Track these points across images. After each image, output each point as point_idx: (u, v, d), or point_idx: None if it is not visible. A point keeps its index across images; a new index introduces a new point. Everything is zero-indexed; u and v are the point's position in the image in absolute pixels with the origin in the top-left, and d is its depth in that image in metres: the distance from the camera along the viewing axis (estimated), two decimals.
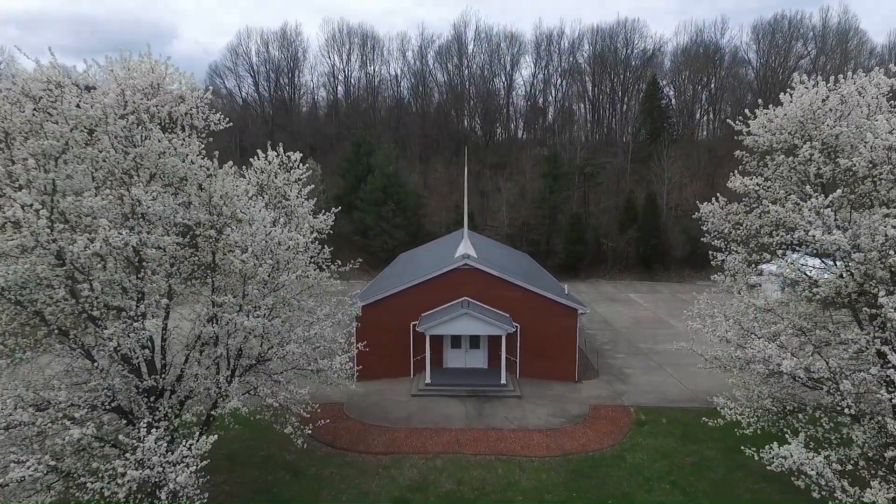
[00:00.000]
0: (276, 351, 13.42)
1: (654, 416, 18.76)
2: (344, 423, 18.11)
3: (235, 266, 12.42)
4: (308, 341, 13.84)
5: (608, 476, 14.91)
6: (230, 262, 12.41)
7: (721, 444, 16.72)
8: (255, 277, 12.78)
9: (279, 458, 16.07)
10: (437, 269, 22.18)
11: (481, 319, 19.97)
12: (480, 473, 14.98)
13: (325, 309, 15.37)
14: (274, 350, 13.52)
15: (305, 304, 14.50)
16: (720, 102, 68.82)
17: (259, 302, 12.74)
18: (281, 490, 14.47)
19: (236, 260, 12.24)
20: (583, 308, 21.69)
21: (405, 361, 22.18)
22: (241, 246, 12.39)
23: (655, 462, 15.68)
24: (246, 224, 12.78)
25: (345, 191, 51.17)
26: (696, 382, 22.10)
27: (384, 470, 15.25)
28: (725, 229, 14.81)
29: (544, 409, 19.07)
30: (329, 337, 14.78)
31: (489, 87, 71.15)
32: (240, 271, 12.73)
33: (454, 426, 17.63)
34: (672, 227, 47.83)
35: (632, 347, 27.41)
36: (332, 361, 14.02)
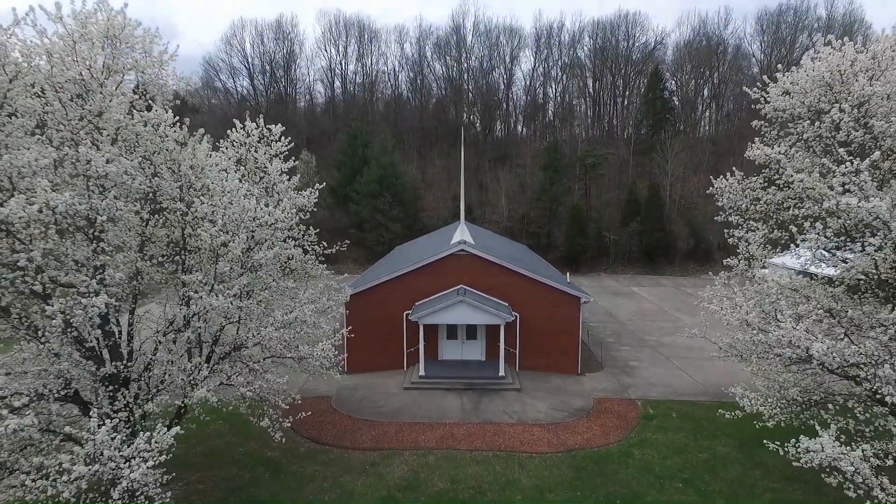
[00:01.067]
0: (252, 336, 12.23)
1: (663, 410, 17.57)
2: (330, 417, 16.91)
3: (204, 241, 11.23)
4: (288, 326, 12.64)
5: (615, 474, 13.72)
6: (199, 237, 11.21)
7: (735, 440, 15.55)
8: (226, 255, 11.60)
9: (259, 455, 14.88)
10: (432, 256, 20.97)
11: (478, 308, 18.77)
12: (476, 471, 13.79)
13: (308, 293, 14.20)
14: (250, 335, 12.32)
15: (286, 285, 13.30)
16: (722, 97, 67.65)
17: (233, 282, 11.55)
18: (259, 489, 13.28)
19: (205, 234, 11.06)
20: (585, 296, 20.50)
21: (398, 353, 20.97)
22: (211, 219, 11.23)
23: (666, 459, 14.49)
24: (217, 196, 11.63)
25: (340, 183, 49.93)
26: (706, 375, 20.94)
27: (371, 467, 14.06)
28: (743, 205, 13.62)
29: (545, 403, 17.87)
30: (312, 322, 13.60)
31: (488, 80, 69.95)
32: (210, 247, 11.56)
33: (449, 420, 16.43)
34: (676, 219, 46.63)
35: (637, 340, 26.22)
36: (313, 348, 12.81)
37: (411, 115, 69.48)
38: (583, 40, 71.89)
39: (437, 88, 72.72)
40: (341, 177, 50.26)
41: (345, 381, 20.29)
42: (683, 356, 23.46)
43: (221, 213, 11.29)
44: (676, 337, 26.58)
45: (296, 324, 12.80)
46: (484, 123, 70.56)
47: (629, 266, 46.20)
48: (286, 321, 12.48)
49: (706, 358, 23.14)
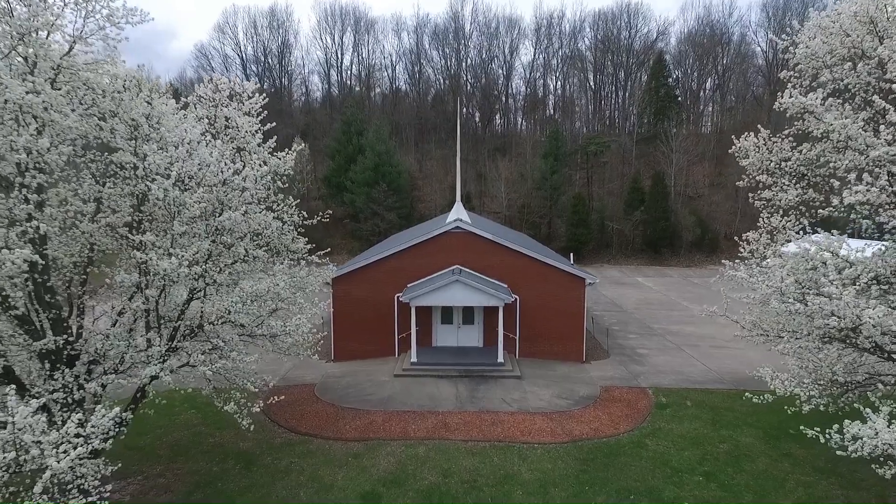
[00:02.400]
0: (216, 309, 10.74)
1: (677, 399, 16.09)
2: (312, 406, 15.42)
3: (157, 197, 9.73)
4: (258, 299, 11.15)
5: (628, 466, 12.23)
6: (153, 193, 9.70)
7: (758, 430, 14.08)
8: (181, 214, 10.11)
9: (231, 447, 13.40)
10: (425, 234, 19.49)
11: (475, 288, 17.27)
12: (471, 463, 12.31)
13: (284, 263, 12.69)
14: (214, 308, 10.83)
15: (256, 254, 11.79)
16: (726, 86, 66.12)
17: (194, 246, 10.05)
18: (227, 483, 11.79)
19: (157, 189, 9.56)
20: (591, 277, 19.02)
21: (389, 340, 19.48)
22: (165, 173, 9.75)
23: (683, 450, 13.01)
24: (172, 147, 10.15)
25: (334, 172, 48.46)
26: (720, 363, 19.48)
27: (354, 459, 12.57)
28: (771, 164, 12.13)
29: (548, 391, 16.38)
30: (287, 297, 12.12)
31: (487, 70, 68.44)
32: (164, 204, 10.07)
33: (442, 409, 14.94)
34: (681, 210, 45.12)
35: (644, 328, 24.74)
36: (286, 324, 11.31)
37: (409, 107, 67.95)
38: (584, 31, 70.47)
39: (435, 79, 71.26)
40: (335, 166, 48.77)
41: (331, 368, 18.85)
42: (694, 344, 21.99)
43: (179, 166, 9.84)
44: (685, 325, 25.15)
45: (267, 296, 11.31)
46: (483, 116, 69.02)
47: (633, 257, 44.70)
48: (256, 292, 10.99)
49: (718, 346, 21.72)
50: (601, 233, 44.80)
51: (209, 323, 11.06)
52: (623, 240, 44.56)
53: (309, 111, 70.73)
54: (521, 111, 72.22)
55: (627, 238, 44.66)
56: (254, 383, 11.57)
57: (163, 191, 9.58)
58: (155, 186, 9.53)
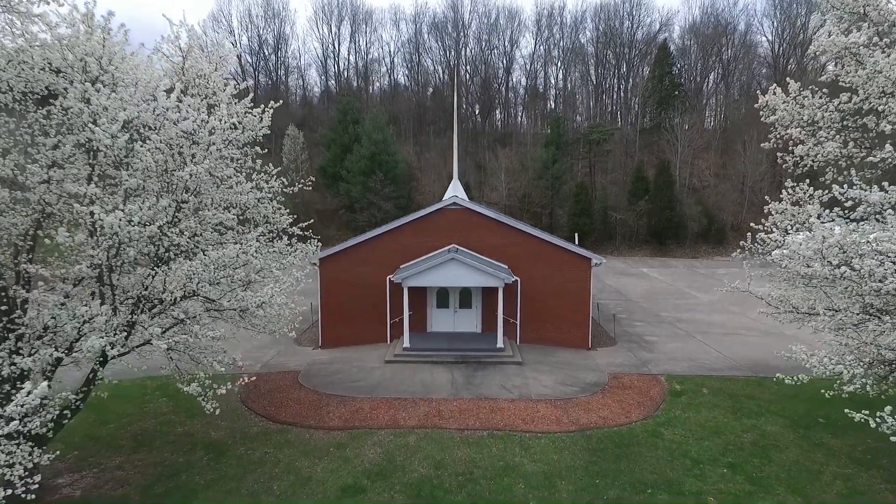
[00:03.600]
0: (175, 275, 9.41)
1: (692, 386, 14.78)
2: (294, 393, 14.10)
3: (103, 143, 8.41)
4: (224, 268, 9.82)
5: (642, 457, 10.92)
6: (96, 137, 8.38)
7: (784, 419, 12.78)
8: (133, 166, 8.80)
9: (201, 436, 12.09)
10: (419, 211, 18.18)
11: (473, 267, 15.95)
12: (467, 454, 10.99)
13: (258, 231, 11.37)
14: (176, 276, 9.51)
15: (225, 216, 10.44)
16: (731, 77, 64.76)
17: (148, 203, 8.73)
18: (192, 475, 10.47)
19: (103, 134, 8.24)
20: (597, 258, 17.69)
21: (380, 325, 18.16)
22: (111, 116, 8.43)
23: (703, 440, 11.69)
24: (123, 88, 8.85)
25: (329, 162, 47.12)
26: (735, 350, 18.18)
27: (337, 449, 11.26)
28: (804, 117, 10.80)
29: (551, 377, 15.06)
30: (260, 268, 10.78)
31: (487, 60, 67.06)
32: (113, 154, 8.75)
33: (435, 396, 13.63)
34: (686, 200, 43.79)
35: (651, 316, 23.42)
36: (256, 294, 9.99)
37: (407, 100, 66.60)
38: (585, 23, 69.10)
39: (434, 70, 69.89)
40: (331, 155, 47.41)
41: (318, 355, 17.54)
42: (705, 331, 20.69)
43: (132, 110, 8.54)
44: (695, 313, 23.86)
45: (237, 264, 9.98)
46: (483, 108, 67.63)
47: (636, 248, 43.37)
48: (222, 259, 9.66)
49: (730, 333, 20.45)
50: (604, 223, 43.47)
51: (171, 294, 9.73)
52: (627, 230, 43.24)
53: (306, 103, 69.42)
54: (522, 105, 70.89)
55: (631, 229, 43.33)
56: (221, 362, 10.28)
57: (110, 136, 8.28)
58: (99, 130, 8.21)
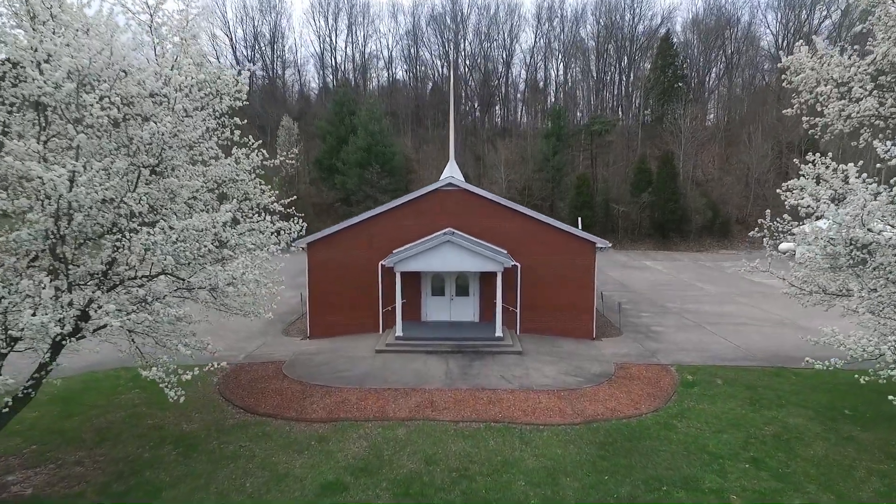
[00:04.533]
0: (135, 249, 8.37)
1: (705, 377, 13.77)
2: (276, 383, 13.08)
3: (43, 91, 7.38)
4: (184, 240, 8.74)
5: (655, 451, 9.90)
6: (31, 83, 7.35)
7: (807, 410, 11.76)
8: (83, 121, 7.77)
9: (172, 429, 11.07)
10: (413, 193, 17.16)
11: (470, 250, 14.93)
12: (462, 448, 9.98)
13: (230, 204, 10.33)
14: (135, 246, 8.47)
15: (193, 184, 9.41)
16: (734, 70, 63.71)
17: (104, 163, 7.70)
18: (158, 472, 9.45)
19: (45, 82, 7.24)
20: (602, 242, 16.67)
21: (372, 314, 17.14)
22: (55, 63, 7.42)
23: (721, 433, 10.67)
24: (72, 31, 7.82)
25: (325, 154, 46.08)
26: (748, 340, 17.17)
27: (319, 443, 10.24)
28: (834, 74, 9.78)
29: (554, 367, 14.05)
30: (234, 243, 9.74)
31: (486, 53, 66.02)
32: (60, 107, 7.73)
33: (429, 386, 12.61)
34: (690, 193, 42.74)
35: (657, 307, 22.41)
36: (224, 268, 8.95)
37: (406, 94, 65.58)
38: (585, 16, 68.10)
39: (433, 63, 68.80)
40: (326, 147, 46.38)
41: (306, 346, 16.53)
42: (714, 322, 19.68)
43: (82, 56, 7.54)
44: (702, 304, 22.85)
45: (202, 235, 8.94)
46: (482, 102, 66.56)
47: (639, 241, 42.36)
48: (189, 229, 8.62)
49: (741, 323, 19.45)
50: (606, 216, 42.45)
51: (133, 270, 8.71)
52: (629, 223, 42.22)
53: (303, 98, 68.37)
54: (522, 100, 69.76)
55: (634, 222, 42.32)
56: (188, 346, 9.26)
57: (52, 84, 7.26)
58: (42, 79, 7.20)
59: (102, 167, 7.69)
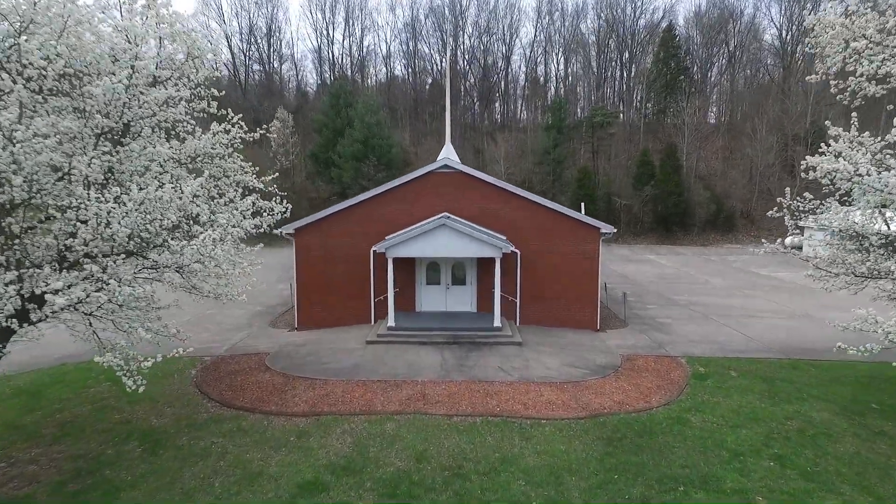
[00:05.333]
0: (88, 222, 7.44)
1: (718, 369, 12.85)
2: (257, 375, 12.16)
3: None
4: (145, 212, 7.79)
5: (668, 448, 8.98)
6: None
7: (831, 404, 10.84)
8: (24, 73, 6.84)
9: (140, 424, 10.16)
10: (406, 176, 16.23)
11: (466, 235, 14.01)
12: (456, 443, 9.06)
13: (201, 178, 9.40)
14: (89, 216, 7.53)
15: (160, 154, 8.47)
16: (737, 64, 62.73)
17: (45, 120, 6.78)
18: (119, 470, 8.53)
19: None
20: (607, 227, 15.76)
21: (363, 304, 16.22)
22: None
23: (739, 428, 9.75)
24: None
25: (321, 147, 45.14)
26: (760, 332, 16.25)
27: (299, 438, 9.32)
28: (868, 31, 8.85)
29: (556, 359, 13.13)
30: (206, 218, 8.79)
31: (486, 45, 65.08)
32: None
33: (421, 378, 11.69)
34: (694, 186, 41.82)
35: (663, 299, 21.49)
36: (192, 244, 8.00)
37: (404, 91, 64.65)
38: (586, 11, 67.10)
39: (431, 56, 67.78)
40: (322, 140, 45.44)
41: (293, 337, 15.61)
42: (724, 314, 18.75)
43: None
44: (710, 297, 21.93)
45: (166, 207, 7.99)
46: (482, 96, 65.58)
47: (642, 236, 41.44)
48: (149, 200, 7.68)
49: (752, 315, 18.53)
50: (608, 210, 41.50)
51: (84, 245, 7.76)
52: (632, 217, 41.29)
53: (300, 93, 67.41)
54: (522, 96, 68.72)
55: (636, 216, 41.40)
56: (149, 329, 8.35)
57: None
58: None
59: (49, 124, 6.77)
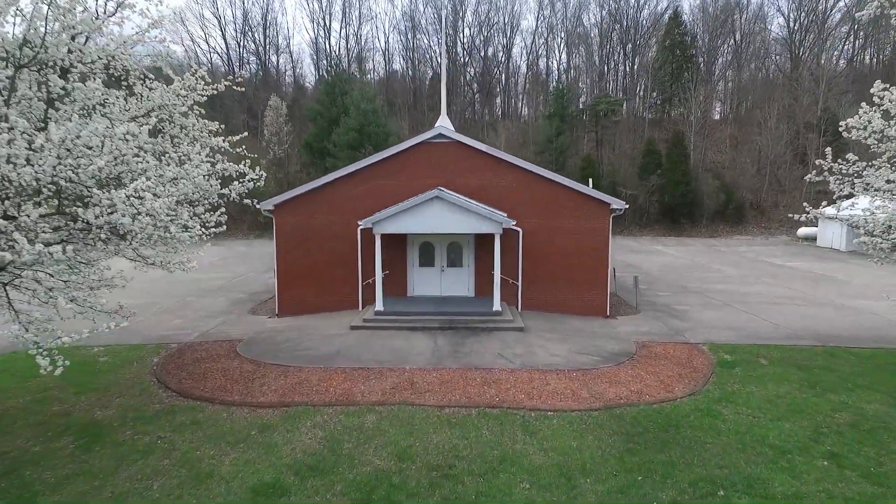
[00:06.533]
0: None
1: (746, 356, 11.41)
2: (224, 363, 10.74)
3: None
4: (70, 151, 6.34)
5: (701, 444, 7.54)
6: None
7: (883, 395, 9.43)
8: None
9: (81, 416, 8.73)
10: (396, 146, 14.81)
11: (462, 208, 12.59)
12: (447, 439, 7.63)
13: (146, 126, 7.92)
14: None
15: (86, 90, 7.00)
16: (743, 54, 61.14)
17: None
18: (42, 471, 7.11)
19: None
20: (618, 203, 14.33)
21: (350, 288, 14.79)
22: None
23: (781, 421, 8.31)
24: None
25: (315, 137, 43.72)
26: (788, 319, 14.80)
27: (261, 433, 7.89)
28: None
29: (563, 345, 11.68)
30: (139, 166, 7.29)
31: (487, 35, 63.61)
32: None
33: (410, 365, 10.26)
34: (702, 176, 40.32)
35: (676, 287, 20.04)
36: (121, 192, 6.53)
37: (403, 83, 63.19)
38: (588, 2, 65.41)
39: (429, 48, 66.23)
40: (316, 129, 43.99)
41: (272, 323, 14.19)
42: (743, 301, 17.30)
43: None
44: (726, 285, 20.46)
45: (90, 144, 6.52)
46: (482, 88, 64.07)
47: (647, 227, 39.97)
48: (71, 136, 6.21)
49: (773, 303, 17.08)
50: None
51: None
52: (637, 208, 39.79)
53: (296, 85, 65.98)
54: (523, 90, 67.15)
55: (642, 207, 39.91)
56: (75, 300, 6.93)
57: None
58: None
59: None
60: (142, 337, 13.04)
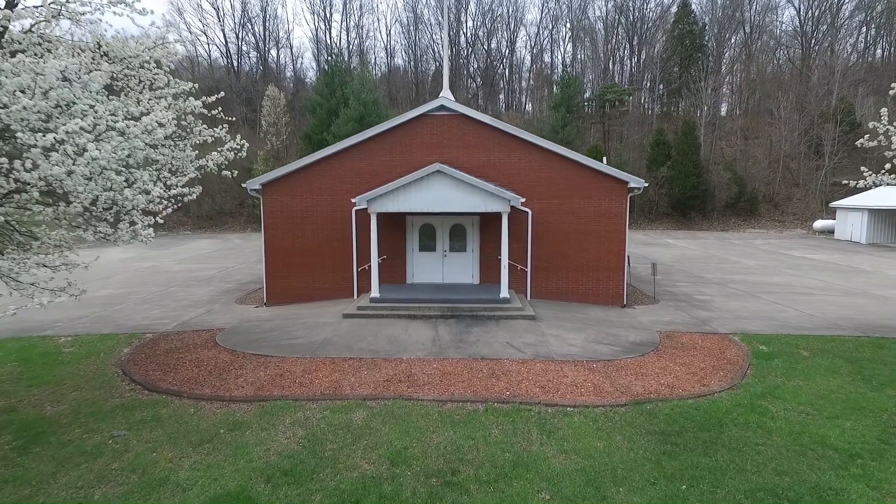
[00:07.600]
0: None
1: (784, 347, 10.19)
2: (198, 353, 9.58)
3: None
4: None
5: (750, 446, 6.34)
6: None
7: None
8: None
9: (28, 413, 7.59)
10: (394, 119, 13.63)
11: (466, 184, 11.40)
12: (449, 438, 6.45)
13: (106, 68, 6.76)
14: None
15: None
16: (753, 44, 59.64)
17: None
18: None
19: None
20: (636, 180, 13.14)
21: (344, 274, 13.62)
22: None
23: (839, 419, 7.10)
24: None
25: (314, 128, 42.55)
26: (822, 310, 13.58)
27: (231, 431, 6.73)
28: None
29: (579, 335, 10.48)
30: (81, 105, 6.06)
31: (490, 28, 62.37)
32: None
33: (408, 355, 9.08)
34: (713, 168, 39.00)
35: (694, 277, 18.82)
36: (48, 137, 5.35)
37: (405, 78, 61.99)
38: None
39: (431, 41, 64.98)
40: (316, 121, 42.81)
41: (259, 313, 13.05)
42: (769, 291, 16.06)
43: None
44: (746, 275, 19.23)
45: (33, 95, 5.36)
46: (485, 84, 62.78)
47: (657, 221, 38.68)
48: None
49: (801, 293, 15.84)
50: None
51: None
52: (646, 201, 38.54)
53: (296, 79, 64.87)
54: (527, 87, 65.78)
55: (651, 200, 38.64)
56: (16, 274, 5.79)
57: None
58: None
59: None
60: (115, 326, 11.91)
